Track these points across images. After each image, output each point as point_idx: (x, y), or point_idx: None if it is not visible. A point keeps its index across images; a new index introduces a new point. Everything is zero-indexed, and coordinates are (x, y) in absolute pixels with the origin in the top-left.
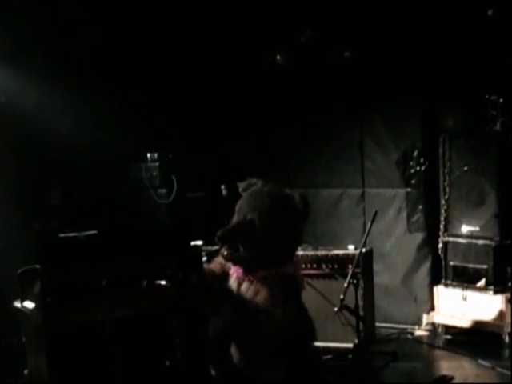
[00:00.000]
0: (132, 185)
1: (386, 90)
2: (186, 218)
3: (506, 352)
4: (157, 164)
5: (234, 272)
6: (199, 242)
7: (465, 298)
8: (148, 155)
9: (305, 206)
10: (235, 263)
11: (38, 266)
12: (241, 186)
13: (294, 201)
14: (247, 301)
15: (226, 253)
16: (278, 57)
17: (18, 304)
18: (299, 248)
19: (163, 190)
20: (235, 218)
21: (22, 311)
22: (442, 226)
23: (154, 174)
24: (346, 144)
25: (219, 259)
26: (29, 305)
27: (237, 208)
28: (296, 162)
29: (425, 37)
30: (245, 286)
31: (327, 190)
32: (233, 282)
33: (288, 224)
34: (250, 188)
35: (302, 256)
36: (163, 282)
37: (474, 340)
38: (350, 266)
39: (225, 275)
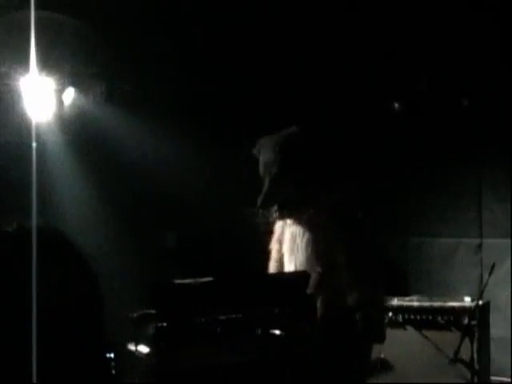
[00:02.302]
0: (249, 229)
1: (506, 140)
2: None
3: None
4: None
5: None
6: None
7: None
8: None
9: None
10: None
11: (152, 311)
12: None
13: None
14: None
15: (276, 214)
16: (395, 104)
17: (132, 347)
18: (414, 298)
19: None
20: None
21: (136, 355)
22: None
23: (271, 219)
24: (462, 193)
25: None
26: (143, 349)
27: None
28: (411, 211)
29: None
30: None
31: (442, 240)
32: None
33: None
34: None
35: (417, 307)
36: (277, 331)
37: None
38: (466, 318)
39: None
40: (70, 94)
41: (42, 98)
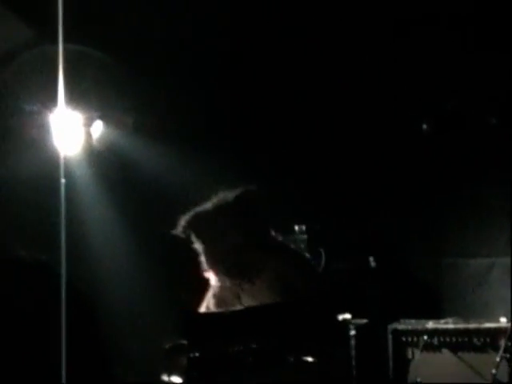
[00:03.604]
0: None
1: None
2: (333, 291)
3: None
4: (305, 237)
5: None
6: (347, 315)
7: None
8: (296, 228)
9: None
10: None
11: (184, 341)
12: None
13: None
14: None
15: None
16: (424, 125)
17: (165, 378)
18: (449, 321)
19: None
20: None
21: None
22: None
23: (302, 246)
24: (495, 212)
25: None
26: (176, 379)
27: None
28: (444, 231)
29: None
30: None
31: (477, 260)
32: None
33: None
34: None
35: (452, 329)
36: (309, 359)
37: None
38: (503, 340)
39: None
40: (98, 128)
41: (71, 132)
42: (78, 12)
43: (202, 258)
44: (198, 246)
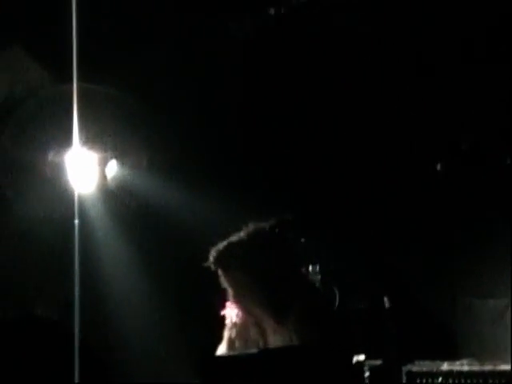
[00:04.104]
0: None
1: None
2: (348, 332)
3: None
4: (318, 277)
5: None
6: (362, 357)
7: None
8: (310, 267)
9: None
10: None
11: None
12: None
13: None
14: None
15: None
16: (438, 166)
17: None
18: (464, 362)
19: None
20: None
21: None
22: None
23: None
24: (510, 251)
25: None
26: None
27: None
28: (460, 271)
29: None
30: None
31: (493, 300)
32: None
33: None
34: None
35: (468, 371)
36: None
37: None
38: None
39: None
40: (112, 167)
41: (85, 171)
42: (92, 51)
43: (230, 291)
44: (228, 277)
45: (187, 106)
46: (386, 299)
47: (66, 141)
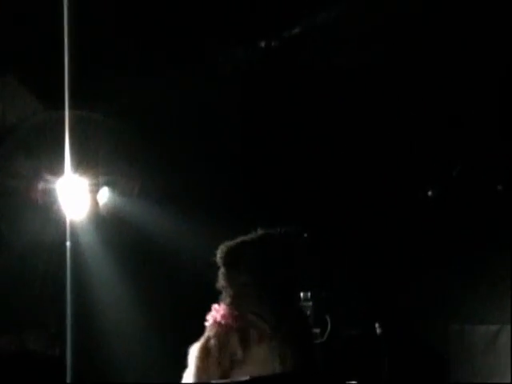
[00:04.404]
0: None
1: None
2: (340, 359)
3: None
4: (310, 303)
5: None
6: (354, 383)
7: None
8: (301, 294)
9: None
10: None
11: None
12: None
13: None
14: None
15: None
16: (429, 192)
17: None
18: None
19: (317, 330)
20: None
21: None
22: None
23: (308, 313)
24: (501, 278)
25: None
26: None
27: None
28: (451, 298)
29: None
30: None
31: (484, 326)
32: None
33: None
34: None
35: None
36: None
37: None
38: None
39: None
40: (104, 194)
41: (77, 198)
42: (84, 79)
43: (230, 291)
44: (232, 275)
45: (180, 133)
46: (377, 325)
47: (59, 167)
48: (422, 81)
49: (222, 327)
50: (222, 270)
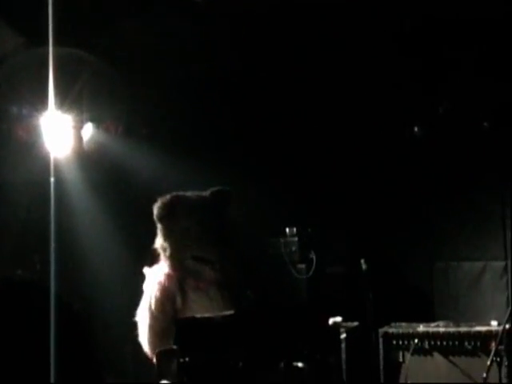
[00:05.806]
0: (271, 260)
1: None
2: (324, 294)
3: None
4: (295, 239)
5: None
6: (338, 319)
7: None
8: (287, 230)
9: None
10: None
11: (174, 347)
12: None
13: None
14: None
15: None
16: (416, 129)
17: (156, 382)
18: (440, 324)
19: (302, 266)
20: None
21: None
22: None
23: (293, 249)
24: (487, 217)
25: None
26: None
27: None
28: (437, 236)
29: None
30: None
31: (468, 264)
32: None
33: None
34: None
35: (443, 333)
36: (300, 364)
37: None
38: (494, 343)
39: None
40: (88, 130)
41: (61, 134)
42: (70, 15)
43: (171, 241)
44: (171, 224)
45: (167, 71)
46: (362, 262)
47: (43, 104)
48: (406, 18)
49: (160, 284)
50: (159, 227)
